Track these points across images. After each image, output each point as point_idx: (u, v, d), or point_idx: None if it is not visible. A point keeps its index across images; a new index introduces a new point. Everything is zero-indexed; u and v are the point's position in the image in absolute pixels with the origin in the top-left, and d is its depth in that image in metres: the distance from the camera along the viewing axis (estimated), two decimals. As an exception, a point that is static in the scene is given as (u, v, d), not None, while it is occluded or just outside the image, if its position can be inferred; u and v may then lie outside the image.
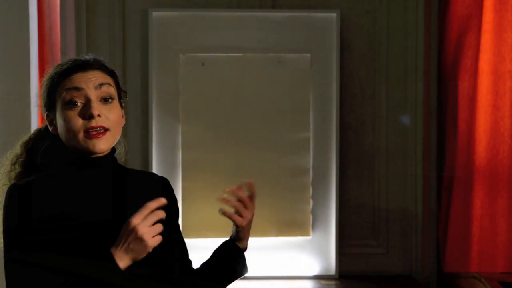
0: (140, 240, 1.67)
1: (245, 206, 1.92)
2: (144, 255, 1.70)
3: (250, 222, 1.94)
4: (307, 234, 3.51)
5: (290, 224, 3.50)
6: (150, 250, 1.69)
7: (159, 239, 1.70)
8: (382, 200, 3.60)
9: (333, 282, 3.45)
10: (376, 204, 3.60)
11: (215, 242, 1.97)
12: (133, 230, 1.67)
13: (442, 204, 3.58)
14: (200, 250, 2.06)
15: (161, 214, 1.70)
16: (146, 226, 1.68)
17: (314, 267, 3.51)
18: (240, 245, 1.97)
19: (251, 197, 1.94)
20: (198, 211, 3.41)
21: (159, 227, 1.69)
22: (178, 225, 1.98)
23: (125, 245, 1.69)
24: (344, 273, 3.56)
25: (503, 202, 3.47)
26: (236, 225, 1.93)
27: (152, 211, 1.70)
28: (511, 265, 3.47)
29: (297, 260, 3.51)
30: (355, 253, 3.60)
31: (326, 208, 3.52)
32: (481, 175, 3.48)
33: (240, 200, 1.92)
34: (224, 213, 1.89)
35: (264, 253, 3.47)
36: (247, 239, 1.98)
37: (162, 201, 1.71)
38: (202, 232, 3.40)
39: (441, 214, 3.58)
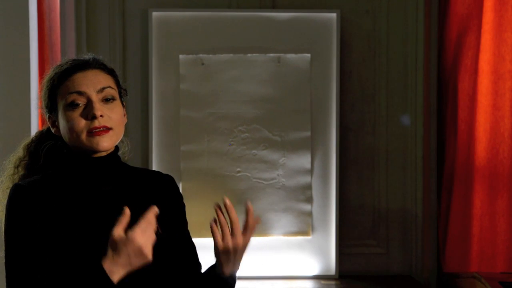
0: (139, 252, 1.64)
1: (232, 233, 1.76)
2: (141, 266, 1.67)
3: (231, 251, 1.75)
4: (307, 234, 3.51)
5: (290, 224, 3.50)
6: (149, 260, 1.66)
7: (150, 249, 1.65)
8: (382, 200, 3.60)
9: (333, 282, 3.45)
10: (376, 204, 3.60)
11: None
12: (130, 242, 1.63)
13: (442, 204, 3.58)
14: (200, 250, 2.05)
15: (154, 222, 1.66)
16: (144, 237, 1.64)
17: (314, 267, 3.51)
18: (225, 269, 1.79)
19: (246, 226, 1.77)
20: (198, 211, 3.41)
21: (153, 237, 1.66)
22: (186, 222, 1.95)
23: (120, 258, 1.64)
24: (344, 273, 3.56)
25: (503, 202, 3.47)
26: (215, 245, 1.77)
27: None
28: (511, 265, 3.48)
29: (297, 260, 3.51)
30: (355, 253, 3.60)
31: (326, 208, 3.51)
32: (481, 175, 3.48)
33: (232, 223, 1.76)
34: (211, 226, 1.74)
35: (264, 253, 3.47)
36: (231, 266, 1.78)
37: (155, 210, 1.68)
38: (202, 232, 3.39)
39: (441, 214, 3.57)
